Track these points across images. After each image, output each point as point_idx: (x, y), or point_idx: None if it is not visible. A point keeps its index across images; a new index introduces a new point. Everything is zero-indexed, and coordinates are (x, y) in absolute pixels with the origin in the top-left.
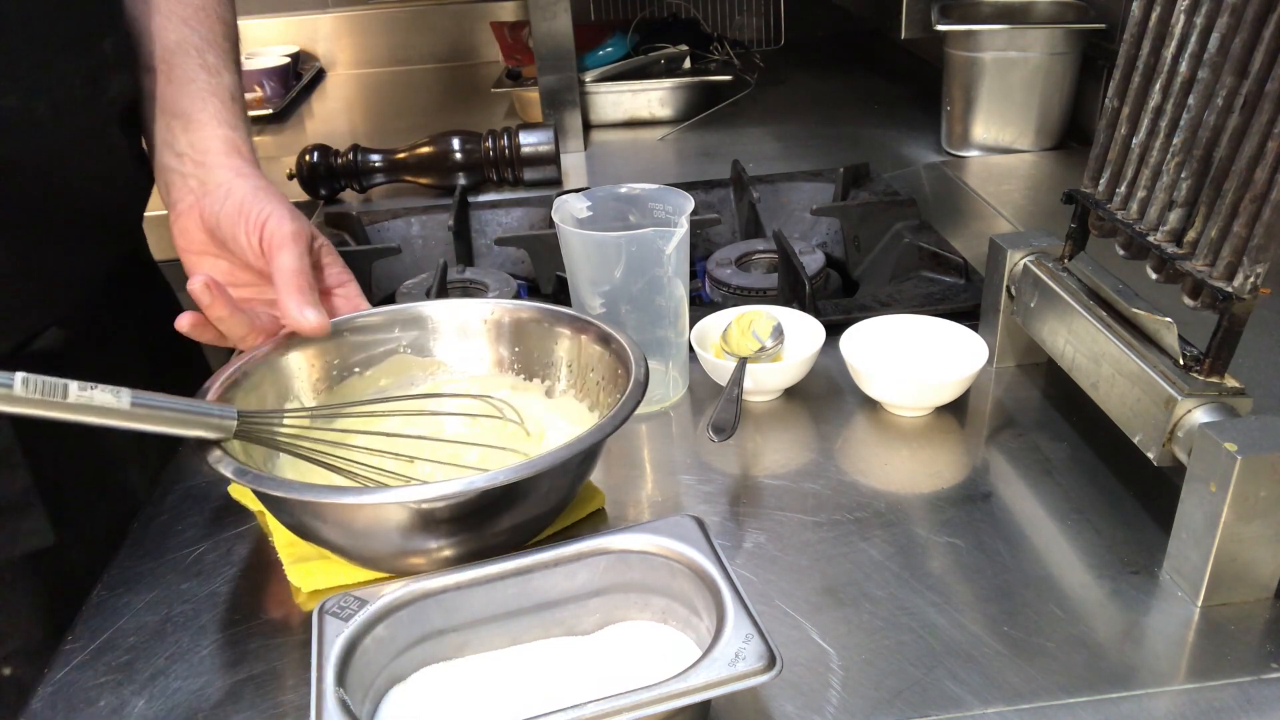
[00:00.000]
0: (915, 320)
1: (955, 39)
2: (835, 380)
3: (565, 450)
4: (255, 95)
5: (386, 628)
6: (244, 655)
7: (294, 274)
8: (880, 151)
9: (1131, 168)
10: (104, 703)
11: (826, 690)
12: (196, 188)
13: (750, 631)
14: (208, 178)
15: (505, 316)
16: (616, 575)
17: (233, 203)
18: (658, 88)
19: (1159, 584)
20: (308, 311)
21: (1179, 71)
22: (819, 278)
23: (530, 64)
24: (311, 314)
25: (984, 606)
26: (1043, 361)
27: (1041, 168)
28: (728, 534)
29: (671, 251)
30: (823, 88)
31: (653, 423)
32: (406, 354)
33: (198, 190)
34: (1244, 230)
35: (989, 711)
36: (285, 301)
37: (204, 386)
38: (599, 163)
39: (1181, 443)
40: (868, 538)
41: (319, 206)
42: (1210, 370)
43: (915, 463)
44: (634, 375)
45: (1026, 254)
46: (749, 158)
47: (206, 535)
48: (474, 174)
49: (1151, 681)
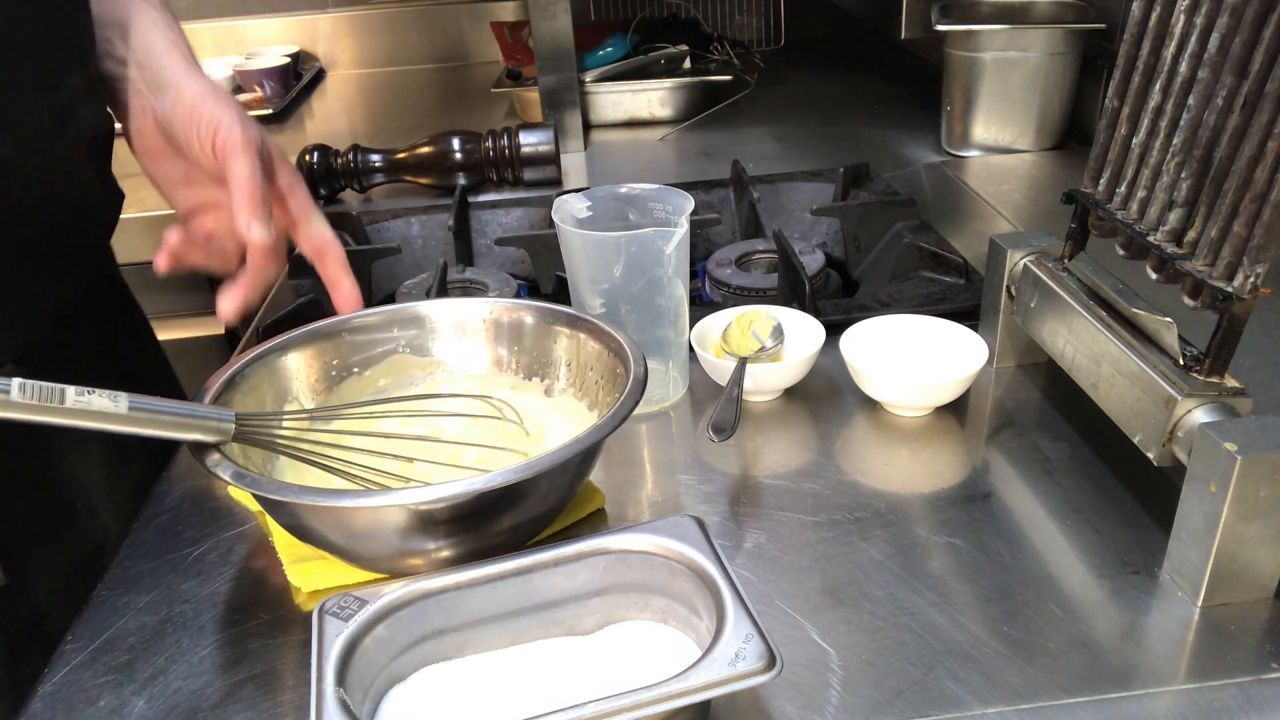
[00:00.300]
0: (915, 320)
1: (955, 39)
2: (835, 380)
3: (565, 450)
4: (255, 95)
5: (386, 628)
6: (244, 655)
7: (245, 184)
8: (880, 151)
9: (1131, 168)
10: (104, 703)
11: (826, 690)
12: (145, 90)
13: (750, 631)
14: (155, 78)
15: (504, 316)
16: (616, 575)
17: (184, 107)
18: (658, 88)
19: (1159, 584)
20: (254, 226)
21: (1179, 71)
22: (819, 278)
23: (530, 64)
24: (258, 228)
25: (984, 606)
26: (1043, 361)
27: (1041, 168)
28: (728, 534)
29: (671, 251)
30: (823, 88)
31: (653, 423)
32: (405, 354)
33: (147, 92)
34: (1244, 230)
35: (989, 711)
36: (236, 214)
37: (201, 389)
38: (599, 163)
39: (1181, 443)
40: (868, 538)
41: (319, 206)
42: (1210, 370)
43: (915, 463)
44: (633, 374)
45: (1026, 254)
46: (749, 158)
47: (206, 535)
48: (474, 174)
49: (1151, 681)
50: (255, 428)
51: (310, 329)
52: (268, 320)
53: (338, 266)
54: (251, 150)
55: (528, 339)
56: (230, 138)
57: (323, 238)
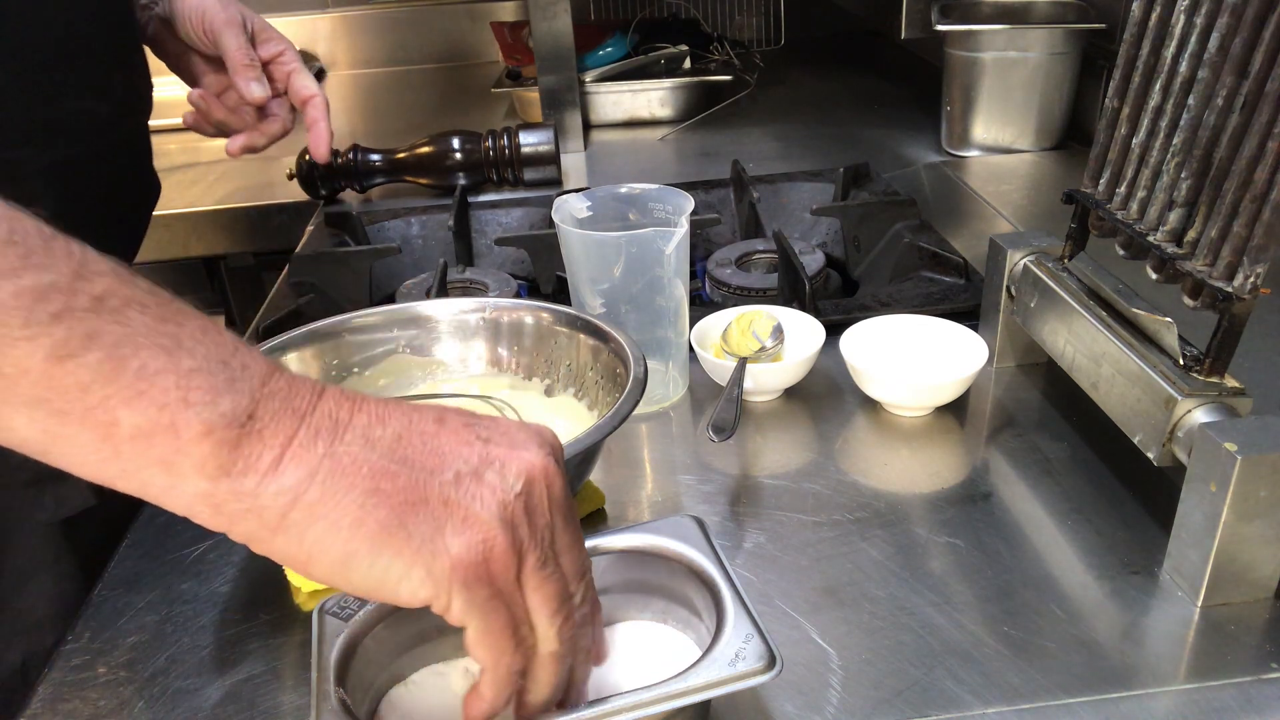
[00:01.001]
0: (915, 320)
1: (955, 39)
2: (835, 380)
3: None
4: None
5: (386, 628)
6: (244, 655)
7: (235, 54)
8: (880, 151)
9: (1131, 168)
10: (104, 703)
11: (826, 690)
12: None
13: (750, 632)
14: None
15: (504, 316)
16: (616, 575)
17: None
18: (658, 88)
19: (1159, 584)
20: (252, 85)
21: (1179, 71)
22: (819, 278)
23: (530, 64)
24: (256, 87)
25: (984, 606)
26: (1043, 361)
27: (1041, 168)
28: (728, 534)
29: (671, 251)
30: (823, 88)
31: (653, 423)
32: (405, 354)
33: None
34: (1244, 230)
35: (989, 711)
36: (235, 81)
37: None
38: (599, 163)
39: (1181, 443)
40: (868, 538)
41: (319, 206)
42: (1210, 370)
43: (915, 463)
44: (633, 374)
45: (1026, 254)
46: (749, 158)
47: (206, 535)
48: (474, 174)
49: (1151, 681)
50: None
51: (310, 329)
52: (268, 320)
53: (318, 111)
54: (235, 26)
55: (528, 339)
56: (215, 19)
57: (307, 90)
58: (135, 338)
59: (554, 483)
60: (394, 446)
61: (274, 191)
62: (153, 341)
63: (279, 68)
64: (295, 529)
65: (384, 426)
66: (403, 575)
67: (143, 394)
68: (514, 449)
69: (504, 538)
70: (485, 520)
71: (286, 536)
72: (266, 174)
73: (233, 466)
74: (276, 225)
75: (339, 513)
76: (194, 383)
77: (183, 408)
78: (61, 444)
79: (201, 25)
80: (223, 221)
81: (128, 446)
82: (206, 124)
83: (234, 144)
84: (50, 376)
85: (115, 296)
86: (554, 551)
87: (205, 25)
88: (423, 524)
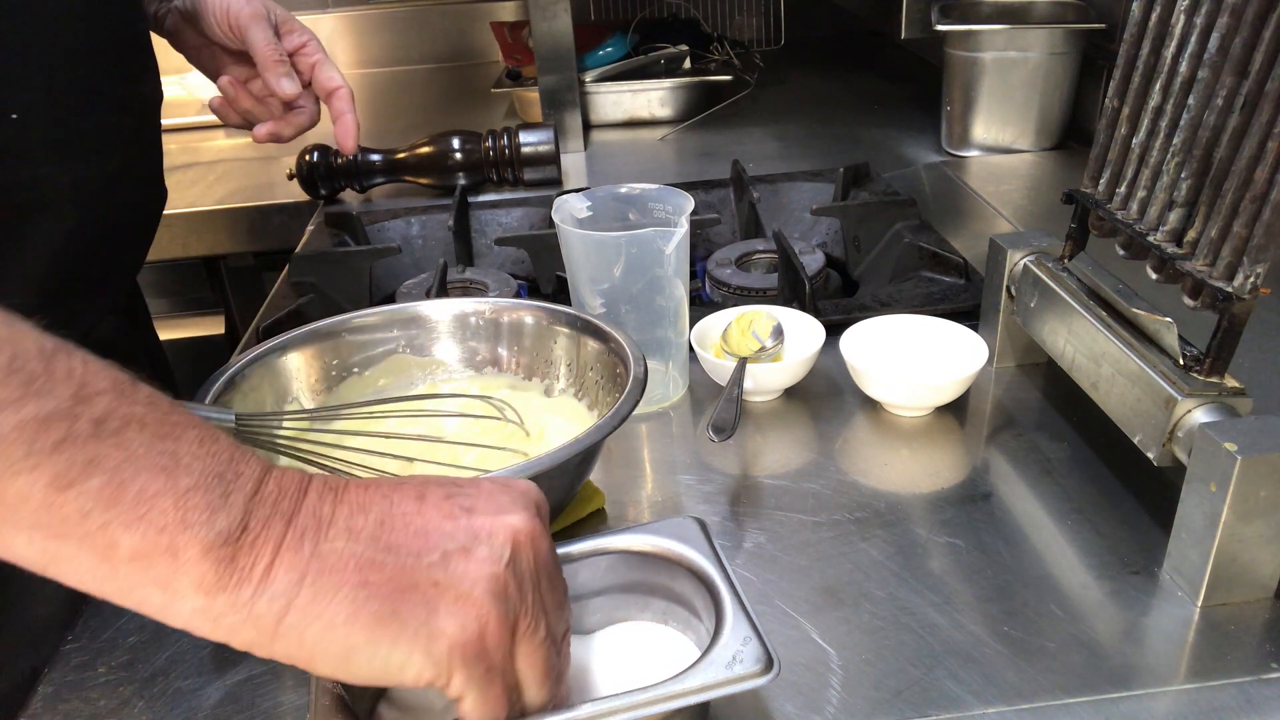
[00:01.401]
0: (915, 320)
1: (955, 39)
2: (835, 380)
3: (564, 450)
4: None
5: None
6: (244, 655)
7: (262, 49)
8: (880, 151)
9: (1131, 168)
10: (104, 703)
11: (826, 690)
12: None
13: (748, 634)
14: None
15: (503, 316)
16: (617, 575)
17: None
18: (658, 88)
19: (1159, 584)
20: (283, 81)
21: (1179, 71)
22: (819, 278)
23: (530, 64)
24: (287, 83)
25: (984, 606)
26: (1043, 361)
27: (1041, 168)
28: (728, 534)
29: (671, 251)
30: (823, 88)
31: (653, 423)
32: (405, 354)
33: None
34: (1244, 230)
35: (989, 711)
36: (265, 77)
37: (201, 389)
38: (599, 163)
39: (1181, 443)
40: (868, 538)
41: (319, 206)
42: (1210, 370)
43: (915, 463)
44: (633, 374)
45: (1026, 254)
46: (749, 158)
47: None
48: (474, 174)
49: (1151, 681)
50: (255, 428)
51: (310, 329)
52: (268, 320)
53: (344, 103)
54: (261, 20)
55: (528, 339)
56: (240, 14)
57: (332, 81)
58: (135, 460)
59: (540, 544)
60: (377, 534)
61: (274, 191)
62: (152, 462)
63: (303, 59)
64: (293, 633)
65: (365, 515)
66: (404, 661)
67: (142, 517)
68: (499, 515)
69: (497, 612)
70: (477, 598)
71: (285, 641)
72: (266, 174)
73: (229, 580)
74: (276, 225)
75: (332, 611)
76: (192, 502)
77: (181, 529)
78: (60, 564)
79: (227, 20)
80: (223, 221)
81: (126, 567)
82: (233, 113)
83: (261, 130)
84: (51, 504)
85: (115, 417)
86: (543, 611)
87: (231, 20)
88: (416, 609)
